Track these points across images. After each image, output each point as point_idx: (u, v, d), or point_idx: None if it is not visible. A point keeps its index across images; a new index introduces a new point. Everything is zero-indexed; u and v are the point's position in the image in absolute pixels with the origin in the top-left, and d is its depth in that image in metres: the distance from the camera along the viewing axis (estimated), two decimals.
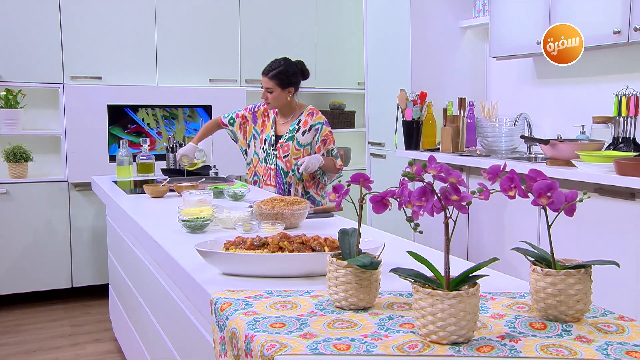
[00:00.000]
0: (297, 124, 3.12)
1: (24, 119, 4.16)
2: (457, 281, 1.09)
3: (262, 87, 3.09)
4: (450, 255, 1.10)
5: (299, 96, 3.22)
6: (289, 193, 3.12)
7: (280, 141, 3.13)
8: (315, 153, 3.12)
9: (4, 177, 4.06)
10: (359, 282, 1.23)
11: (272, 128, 3.17)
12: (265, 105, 3.17)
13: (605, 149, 3.08)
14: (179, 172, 3.45)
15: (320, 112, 3.20)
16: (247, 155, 3.28)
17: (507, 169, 1.14)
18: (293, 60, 3.14)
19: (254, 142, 3.23)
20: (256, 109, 3.26)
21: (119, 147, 3.54)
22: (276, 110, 3.18)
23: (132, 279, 2.76)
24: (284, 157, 3.11)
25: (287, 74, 3.05)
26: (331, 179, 3.22)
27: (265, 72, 3.08)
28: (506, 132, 3.67)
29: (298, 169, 3.06)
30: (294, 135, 3.11)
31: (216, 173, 3.49)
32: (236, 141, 3.31)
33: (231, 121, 3.28)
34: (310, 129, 3.11)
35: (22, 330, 3.71)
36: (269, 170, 3.15)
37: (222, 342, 1.24)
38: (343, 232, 1.35)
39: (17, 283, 4.08)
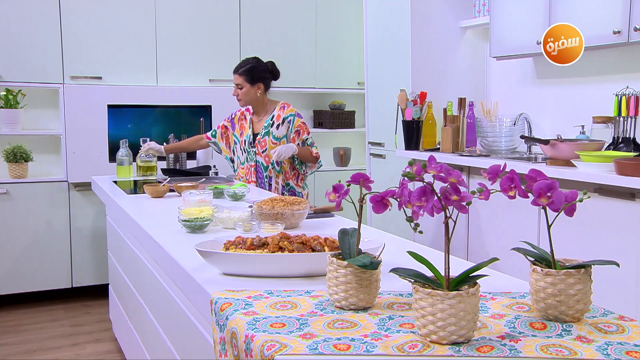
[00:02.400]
0: (272, 119, 3.27)
1: (24, 119, 4.16)
2: (457, 281, 1.08)
3: (234, 85, 3.28)
4: (450, 255, 1.10)
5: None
6: (270, 187, 3.26)
7: (257, 138, 3.29)
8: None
9: (4, 177, 4.06)
10: (359, 282, 1.23)
11: (249, 128, 3.34)
12: (240, 107, 3.37)
13: (605, 149, 3.08)
14: (179, 172, 3.45)
15: (291, 106, 3.36)
16: (234, 164, 3.45)
17: (507, 169, 1.13)
18: (265, 60, 3.34)
19: (236, 148, 3.40)
20: (233, 116, 3.46)
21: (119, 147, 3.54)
22: (251, 111, 3.36)
23: (132, 279, 2.76)
24: (262, 152, 3.26)
25: (256, 71, 3.25)
26: (312, 169, 3.36)
27: (235, 70, 3.29)
28: (506, 132, 3.67)
29: (271, 158, 3.17)
30: (269, 130, 3.26)
31: (216, 173, 3.50)
32: (220, 152, 3.51)
33: (213, 133, 3.49)
34: (283, 122, 3.26)
35: (22, 330, 3.71)
36: (250, 168, 3.31)
37: (222, 342, 1.24)
38: (343, 232, 1.35)
39: (17, 283, 4.08)
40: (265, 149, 3.25)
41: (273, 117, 3.28)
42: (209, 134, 3.51)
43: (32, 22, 4.01)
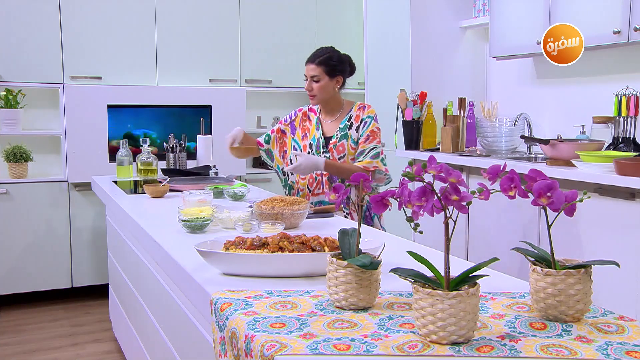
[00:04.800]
0: (348, 120, 2.76)
1: (24, 119, 4.16)
2: (457, 281, 1.09)
3: (305, 79, 2.75)
4: (450, 255, 1.10)
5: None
6: (348, 201, 2.72)
7: (332, 141, 2.76)
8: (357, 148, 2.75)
9: (4, 177, 4.06)
10: (359, 282, 1.23)
11: (318, 130, 2.81)
12: (310, 101, 2.81)
13: (605, 149, 3.08)
14: (179, 172, 3.45)
15: (372, 107, 2.83)
16: (286, 175, 2.88)
17: (507, 169, 1.13)
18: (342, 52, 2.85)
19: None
20: (293, 117, 2.91)
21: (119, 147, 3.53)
22: (317, 111, 2.85)
23: (132, 279, 2.76)
24: (339, 158, 2.73)
25: (335, 60, 2.74)
26: (379, 182, 2.77)
27: (311, 59, 2.75)
28: (506, 132, 3.67)
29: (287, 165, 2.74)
30: (347, 132, 2.74)
31: (216, 173, 3.49)
32: (271, 161, 2.92)
33: (267, 138, 2.92)
34: (361, 124, 2.74)
35: (22, 330, 3.71)
36: (318, 177, 2.75)
37: (222, 342, 1.24)
38: (343, 232, 1.35)
39: (17, 283, 4.08)
40: (344, 155, 2.72)
41: (351, 117, 2.76)
42: (261, 139, 2.91)
43: (32, 22, 4.01)
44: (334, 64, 2.72)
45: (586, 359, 0.99)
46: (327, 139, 2.78)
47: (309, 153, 2.77)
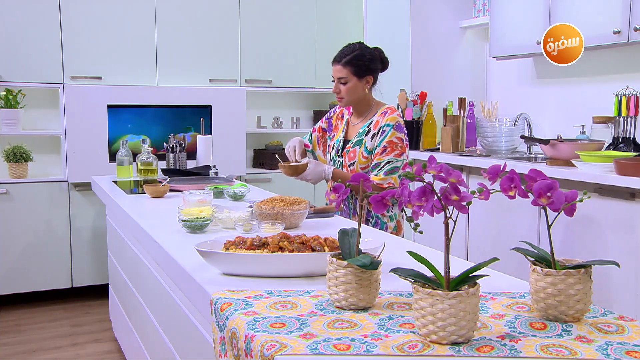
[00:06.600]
0: (368, 126, 2.53)
1: (24, 119, 4.16)
2: (457, 281, 1.08)
3: (332, 80, 2.57)
4: (450, 255, 1.10)
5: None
6: (354, 211, 2.56)
7: (347, 146, 2.57)
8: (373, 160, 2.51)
9: (4, 177, 4.06)
10: (359, 282, 1.23)
11: (343, 131, 2.64)
12: (339, 104, 2.64)
13: (605, 149, 3.09)
14: (179, 172, 3.45)
15: (397, 112, 2.55)
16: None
17: (507, 169, 1.14)
18: (371, 46, 2.67)
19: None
20: (332, 114, 2.75)
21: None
22: (351, 110, 2.66)
23: (132, 279, 2.76)
24: (349, 165, 2.54)
25: (364, 59, 2.53)
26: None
27: (337, 59, 2.54)
28: (506, 132, 3.68)
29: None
30: (362, 139, 2.52)
31: (216, 173, 3.49)
32: None
33: (309, 139, 2.79)
34: (379, 132, 2.49)
35: (22, 330, 3.71)
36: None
37: (222, 342, 1.24)
38: (343, 232, 1.35)
39: (17, 283, 4.07)
40: (354, 163, 2.51)
41: (371, 123, 2.53)
42: (306, 140, 2.76)
43: (32, 22, 4.01)
44: (363, 63, 2.52)
45: (586, 359, 0.99)
46: (346, 143, 2.62)
47: (330, 156, 2.66)
